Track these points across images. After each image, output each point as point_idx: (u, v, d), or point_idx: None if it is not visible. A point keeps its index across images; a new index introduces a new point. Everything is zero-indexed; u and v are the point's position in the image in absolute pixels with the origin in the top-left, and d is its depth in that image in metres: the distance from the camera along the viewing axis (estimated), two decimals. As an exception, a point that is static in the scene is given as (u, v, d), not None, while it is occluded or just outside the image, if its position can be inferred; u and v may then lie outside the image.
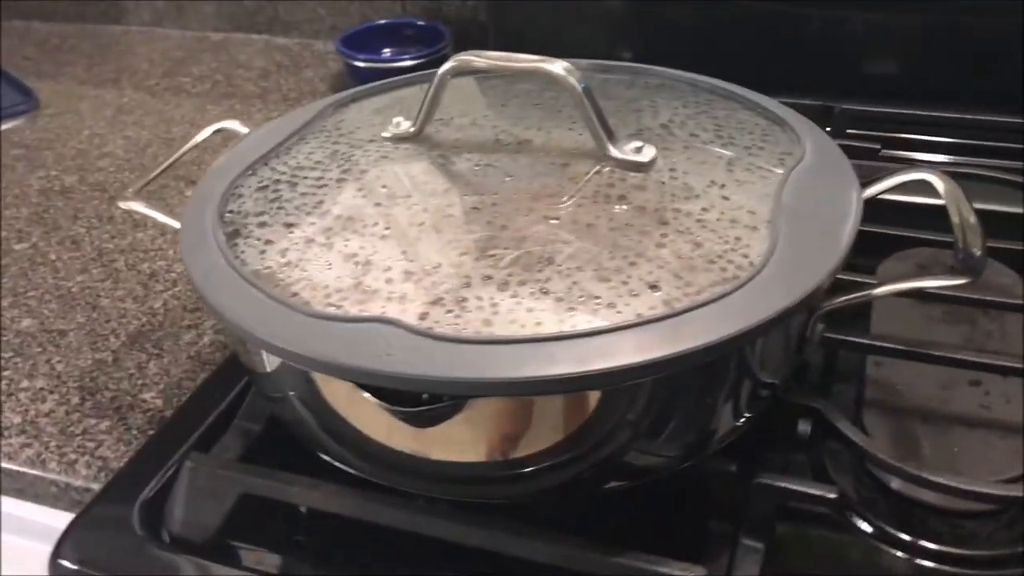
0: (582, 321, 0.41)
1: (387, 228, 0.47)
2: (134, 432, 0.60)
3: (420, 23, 1.08)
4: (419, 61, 1.01)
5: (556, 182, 0.49)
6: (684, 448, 0.46)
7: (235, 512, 0.50)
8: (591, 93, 0.49)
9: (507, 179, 0.50)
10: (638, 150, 0.50)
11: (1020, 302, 0.59)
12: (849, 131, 0.82)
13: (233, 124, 0.61)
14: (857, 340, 0.56)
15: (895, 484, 0.52)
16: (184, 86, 1.12)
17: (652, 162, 0.50)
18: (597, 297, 0.42)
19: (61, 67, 1.19)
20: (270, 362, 0.45)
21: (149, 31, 1.27)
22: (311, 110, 0.60)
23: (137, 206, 0.55)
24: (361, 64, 1.02)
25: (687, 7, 0.92)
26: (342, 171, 0.52)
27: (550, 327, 0.40)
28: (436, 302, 0.42)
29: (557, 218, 0.46)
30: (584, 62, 0.64)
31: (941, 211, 0.55)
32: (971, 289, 0.60)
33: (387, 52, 1.07)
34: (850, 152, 0.78)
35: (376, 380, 0.39)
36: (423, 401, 0.41)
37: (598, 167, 0.50)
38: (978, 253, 0.45)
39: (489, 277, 0.43)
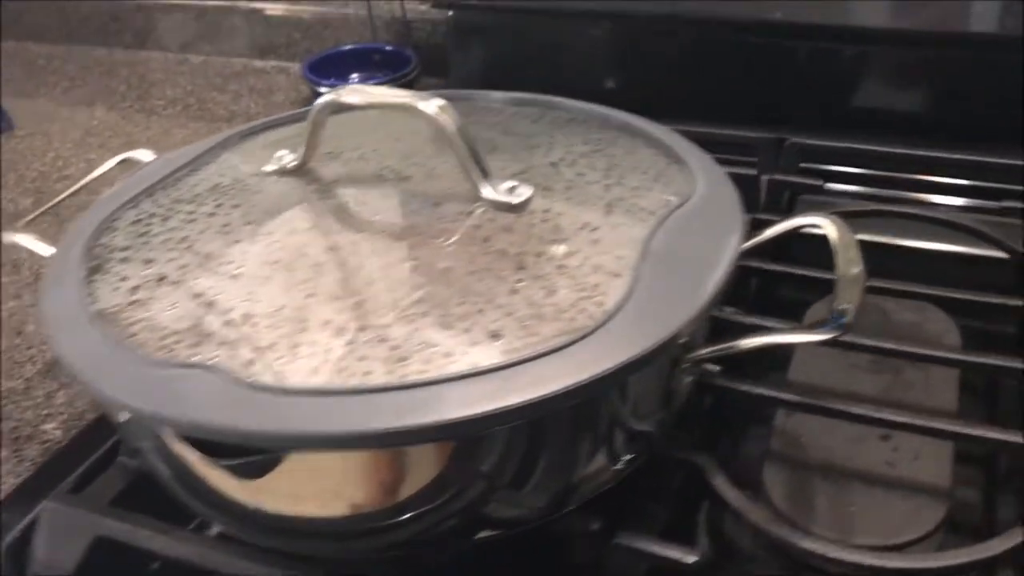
0: (413, 372, 0.39)
1: (240, 267, 0.45)
2: (27, 464, 0.59)
3: (388, 48, 1.07)
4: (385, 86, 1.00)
5: (425, 222, 0.48)
6: (538, 502, 0.45)
7: (95, 555, 0.49)
8: (465, 131, 0.48)
9: (376, 218, 0.48)
10: (512, 190, 0.48)
11: (941, 354, 0.56)
12: (802, 165, 0.80)
13: (140, 154, 0.61)
14: (748, 390, 0.53)
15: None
16: (156, 108, 1.12)
17: (526, 203, 0.48)
18: (435, 346, 0.40)
19: (41, 88, 1.21)
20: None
21: (132, 53, 1.29)
22: (214, 140, 0.59)
23: (22, 238, 0.54)
24: (325, 89, 1.02)
25: (659, 39, 0.90)
26: (216, 205, 0.51)
27: (378, 377, 0.39)
28: (269, 347, 0.41)
29: (415, 260, 0.45)
30: (498, 94, 0.63)
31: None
32: (894, 340, 0.58)
33: (355, 77, 1.07)
34: (795, 187, 0.77)
35: (186, 431, 0.38)
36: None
37: (469, 208, 0.48)
38: (846, 307, 0.43)
39: (329, 321, 0.41)
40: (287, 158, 0.53)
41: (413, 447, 0.39)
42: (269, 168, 0.53)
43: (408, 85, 1.02)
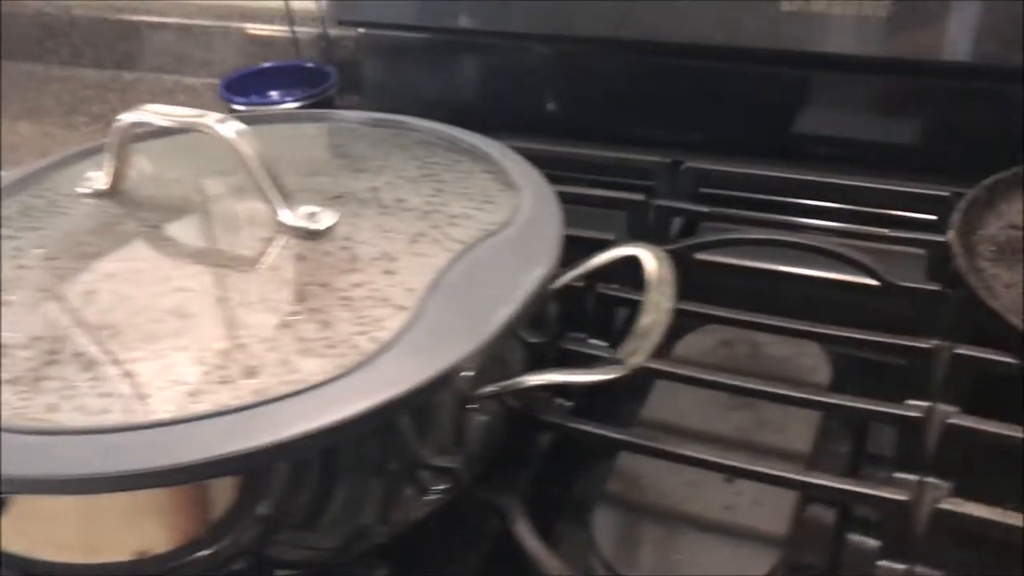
0: (156, 411, 0.37)
1: (14, 294, 0.43)
2: None
3: (309, 65, 1.05)
4: (301, 103, 0.99)
5: (217, 249, 0.45)
6: (323, 543, 0.42)
7: None
8: (263, 155, 0.46)
9: (166, 244, 0.46)
10: (312, 216, 0.46)
11: (792, 393, 0.53)
12: (702, 190, 0.77)
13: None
14: (585, 429, 0.50)
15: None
16: (79, 125, 1.11)
17: (327, 230, 0.46)
18: (183, 383, 0.38)
19: (-25, 104, 1.19)
20: None
21: (67, 69, 1.27)
22: (54, 159, 0.57)
23: None
24: (240, 107, 1.00)
25: (565, 60, 0.88)
26: (17, 228, 0.49)
27: (115, 416, 0.36)
28: (14, 380, 0.38)
29: (189, 290, 0.43)
30: (355, 114, 0.61)
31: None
32: (753, 376, 0.55)
33: (274, 95, 1.05)
34: (683, 213, 0.74)
35: None
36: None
37: (266, 234, 0.46)
38: (635, 347, 0.40)
39: (81, 354, 0.39)
40: (99, 180, 0.51)
41: (147, 491, 0.37)
42: (82, 190, 0.51)
43: (326, 103, 1.00)
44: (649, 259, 0.46)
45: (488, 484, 0.47)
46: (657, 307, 0.43)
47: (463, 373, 0.40)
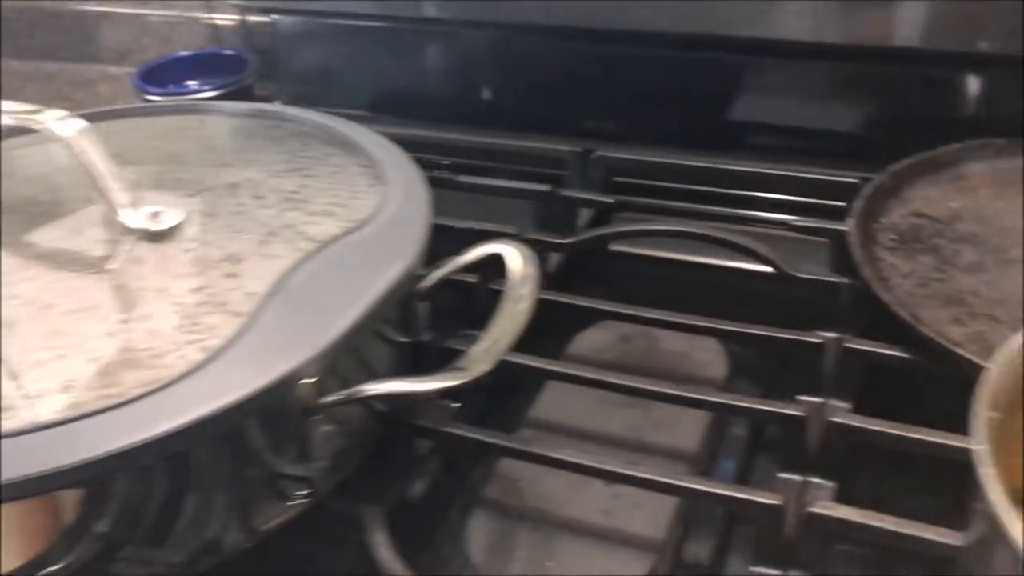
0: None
1: None
2: None
3: (227, 53, 1.02)
4: (218, 92, 0.96)
5: (55, 249, 0.43)
6: (170, 559, 0.40)
7: None
8: (101, 153, 0.43)
9: (5, 247, 0.44)
10: (156, 217, 0.44)
11: (675, 392, 0.51)
12: (616, 179, 0.75)
13: None
14: (449, 431, 0.49)
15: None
16: (-5, 117, 1.07)
17: (172, 231, 0.43)
18: (-7, 398, 0.35)
19: None
20: None
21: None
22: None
23: None
24: (154, 97, 0.97)
25: (479, 47, 0.85)
26: None
27: (-86, 434, 0.34)
28: None
29: (19, 296, 0.40)
30: (235, 105, 0.59)
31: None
32: (640, 375, 0.54)
33: (192, 84, 1.02)
34: (589, 204, 0.72)
35: None
36: None
37: (110, 236, 0.43)
38: (479, 351, 0.39)
39: None
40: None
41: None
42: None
43: (244, 91, 0.97)
44: (513, 257, 0.45)
45: (346, 493, 0.45)
46: (512, 311, 0.41)
47: (302, 381, 0.38)
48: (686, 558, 0.47)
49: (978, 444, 0.30)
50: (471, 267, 0.47)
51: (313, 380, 0.38)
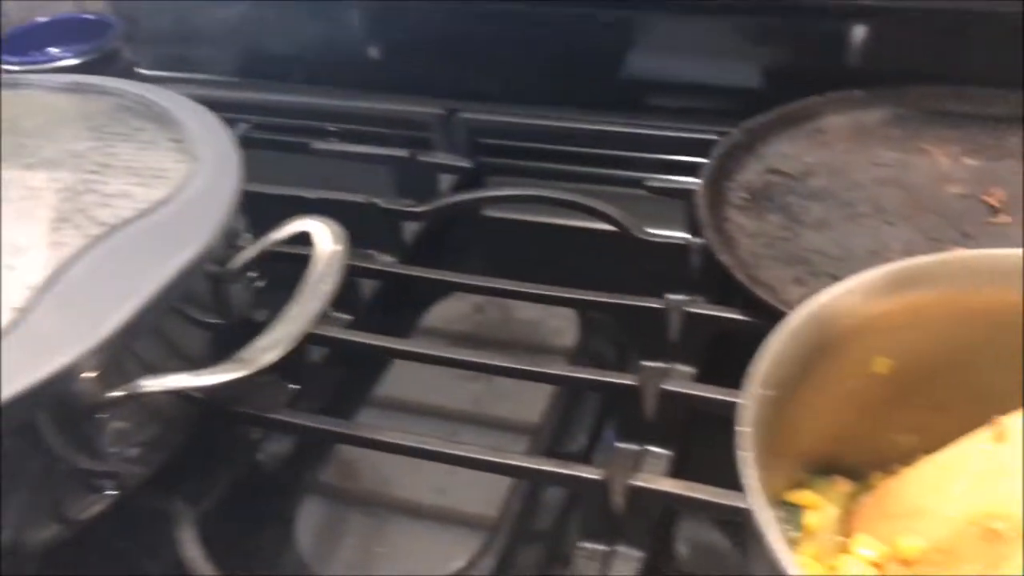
0: None
1: None
2: None
3: (89, 18, 0.97)
4: (81, 59, 0.91)
5: None
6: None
7: None
8: None
9: None
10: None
11: (504, 364, 0.49)
12: (483, 140, 0.73)
13: None
14: (274, 417, 0.47)
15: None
16: None
17: (-55, 219, 0.40)
18: None
19: None
20: None
21: None
22: None
23: None
24: (14, 68, 0.92)
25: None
26: None
27: None
28: None
29: None
30: (57, 78, 0.56)
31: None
32: (466, 351, 0.53)
33: (54, 51, 0.97)
34: (449, 170, 0.70)
35: None
36: None
37: None
38: (272, 340, 0.37)
39: None
40: None
41: None
42: None
43: (108, 57, 0.93)
44: (321, 235, 0.43)
45: (159, 486, 0.43)
46: (309, 295, 0.39)
47: (83, 376, 0.36)
48: (519, 534, 0.46)
49: (742, 425, 0.29)
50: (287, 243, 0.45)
51: (95, 374, 0.36)
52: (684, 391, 0.46)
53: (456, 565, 0.44)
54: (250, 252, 0.44)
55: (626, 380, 0.47)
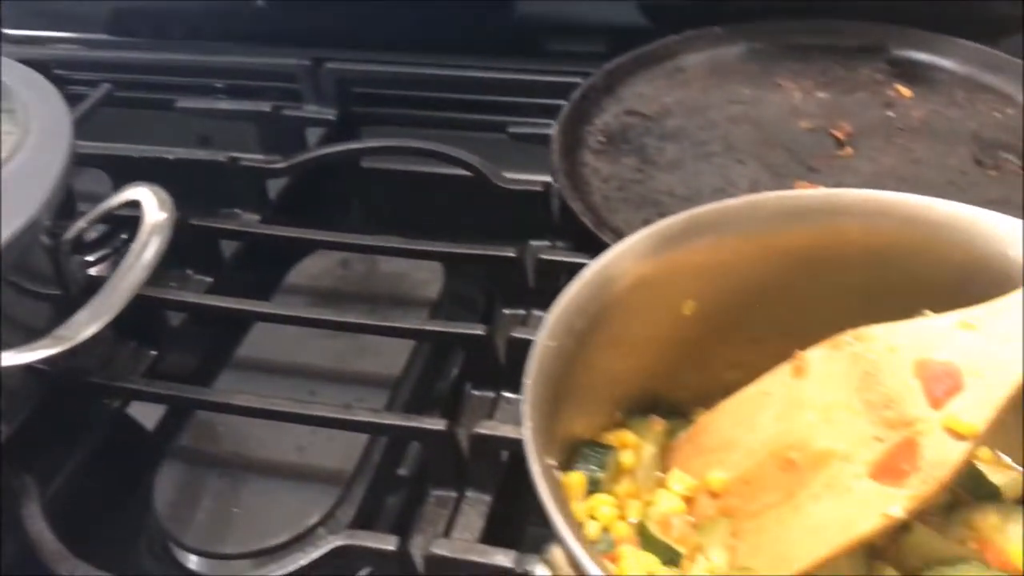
0: None
1: None
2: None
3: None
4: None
5: None
6: None
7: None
8: None
9: None
10: None
11: (352, 320, 0.50)
12: (354, 90, 0.72)
13: None
14: (125, 385, 0.47)
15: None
16: None
17: None
18: None
19: None
20: None
21: None
22: None
23: None
24: None
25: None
26: None
27: None
28: None
29: None
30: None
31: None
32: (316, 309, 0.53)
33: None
34: (316, 123, 0.69)
35: None
36: None
37: None
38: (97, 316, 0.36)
39: None
40: None
41: None
42: None
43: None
44: (149, 203, 0.42)
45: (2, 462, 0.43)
46: (134, 263, 0.39)
47: None
48: (378, 486, 0.47)
49: (527, 377, 0.29)
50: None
51: None
52: (533, 338, 0.47)
53: (312, 520, 0.45)
54: (82, 222, 0.43)
55: (476, 331, 0.48)
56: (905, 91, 0.61)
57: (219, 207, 0.62)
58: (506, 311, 0.53)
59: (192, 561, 0.45)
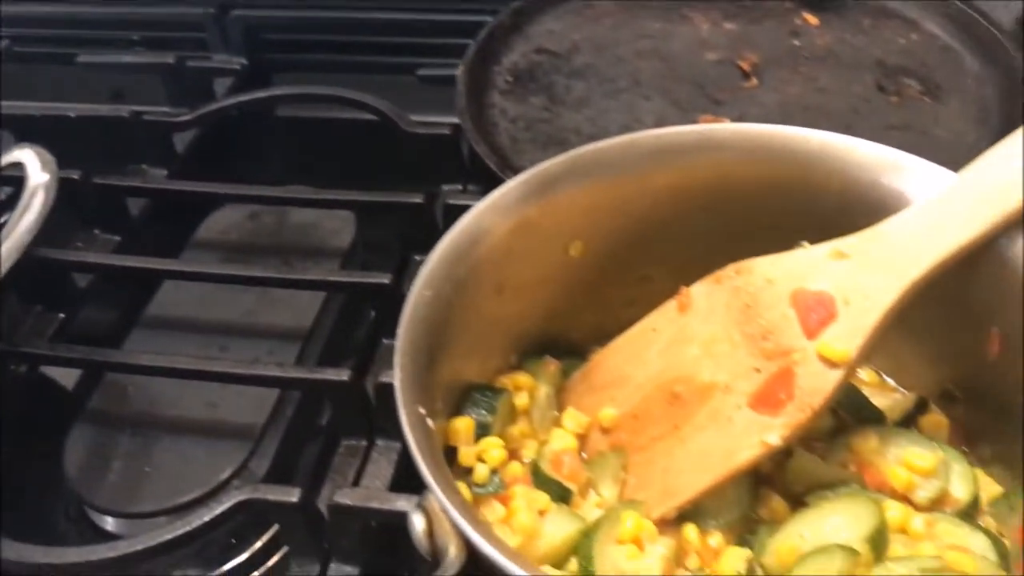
0: None
1: None
2: None
3: None
4: None
5: None
6: None
7: None
8: None
9: None
10: None
11: (249, 274, 0.50)
12: (264, 37, 0.70)
13: None
14: (27, 351, 0.46)
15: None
16: None
17: None
18: None
19: None
20: None
21: None
22: None
23: None
24: None
25: None
26: None
27: None
28: None
29: None
30: None
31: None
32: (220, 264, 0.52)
33: None
34: (222, 73, 0.67)
35: None
36: None
37: None
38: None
39: None
40: None
41: None
42: None
43: None
44: (33, 165, 0.41)
45: None
46: (18, 225, 0.38)
47: None
48: (292, 438, 0.47)
49: (400, 326, 0.30)
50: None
51: None
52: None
53: (224, 475, 0.45)
54: (-36, 188, 0.42)
55: (382, 280, 0.48)
56: (812, 19, 0.61)
57: (126, 163, 0.61)
58: (417, 257, 0.53)
59: (108, 522, 0.45)
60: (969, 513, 0.34)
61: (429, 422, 0.29)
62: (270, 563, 0.42)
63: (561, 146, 0.54)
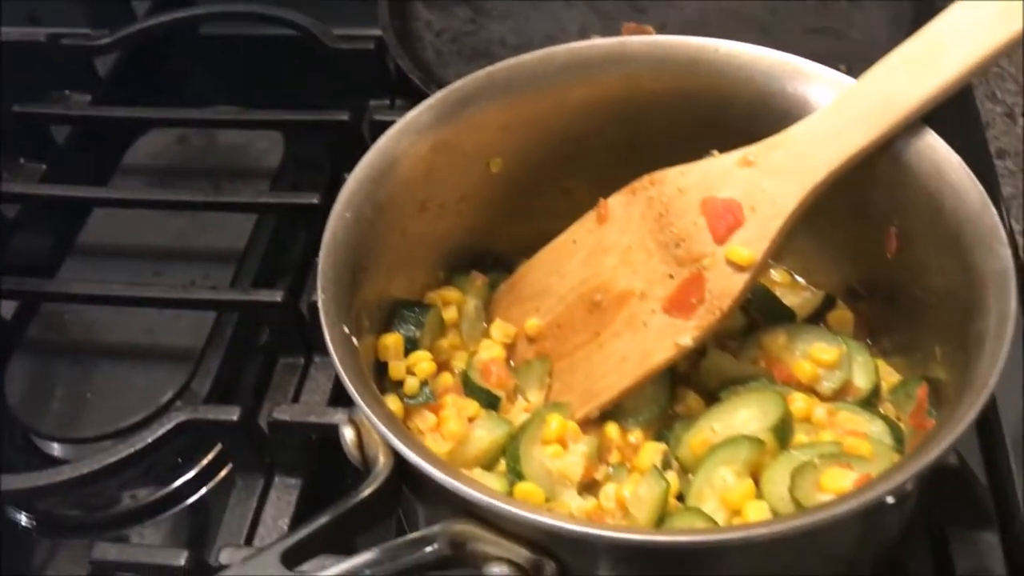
0: None
1: None
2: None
3: None
4: None
5: None
6: None
7: None
8: None
9: None
10: None
11: (191, 199, 0.50)
12: None
13: None
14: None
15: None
16: None
17: None
18: None
19: None
20: None
21: None
22: None
23: None
24: None
25: None
26: None
27: None
28: None
29: None
30: None
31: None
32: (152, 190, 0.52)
33: None
34: None
35: None
36: None
37: None
38: None
39: None
40: None
41: None
42: None
43: None
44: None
45: None
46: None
47: None
48: (229, 359, 0.48)
49: (323, 249, 0.30)
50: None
51: None
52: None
53: (165, 398, 0.46)
54: None
55: (311, 200, 0.48)
56: (733, -78, 0.61)
57: (49, 90, 0.60)
58: (347, 175, 0.54)
59: (55, 448, 0.46)
60: (870, 401, 0.36)
61: (354, 340, 0.30)
62: (216, 479, 0.44)
63: (487, 58, 0.54)
